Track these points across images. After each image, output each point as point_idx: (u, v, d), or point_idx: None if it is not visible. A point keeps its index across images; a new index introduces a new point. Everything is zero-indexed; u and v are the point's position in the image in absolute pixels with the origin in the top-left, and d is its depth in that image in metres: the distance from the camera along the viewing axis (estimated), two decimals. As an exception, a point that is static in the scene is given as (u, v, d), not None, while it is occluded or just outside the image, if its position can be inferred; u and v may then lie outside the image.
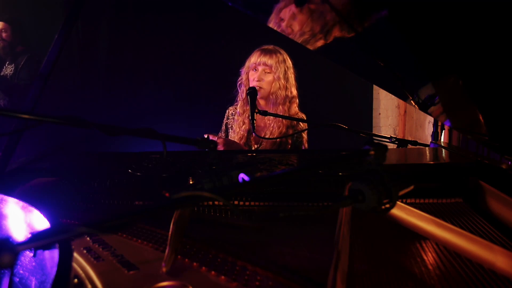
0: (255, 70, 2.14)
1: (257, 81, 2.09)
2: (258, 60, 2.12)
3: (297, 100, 2.23)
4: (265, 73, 2.11)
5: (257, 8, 1.32)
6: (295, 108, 2.21)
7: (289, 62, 2.18)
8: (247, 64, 2.19)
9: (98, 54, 4.21)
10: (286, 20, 1.19)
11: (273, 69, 2.10)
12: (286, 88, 2.14)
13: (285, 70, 2.13)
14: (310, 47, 1.35)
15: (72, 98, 4.05)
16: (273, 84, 2.11)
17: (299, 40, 1.32)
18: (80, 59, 4.18)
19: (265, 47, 2.18)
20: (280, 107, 2.14)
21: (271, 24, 1.26)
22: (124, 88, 4.13)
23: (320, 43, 1.30)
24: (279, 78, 2.11)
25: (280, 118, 2.16)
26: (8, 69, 3.66)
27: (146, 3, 4.00)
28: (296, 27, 1.22)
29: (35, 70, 3.60)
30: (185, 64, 4.06)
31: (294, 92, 2.20)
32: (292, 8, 1.13)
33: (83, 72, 4.25)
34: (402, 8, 0.86)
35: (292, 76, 2.19)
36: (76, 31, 4.03)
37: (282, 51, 2.18)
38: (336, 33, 1.18)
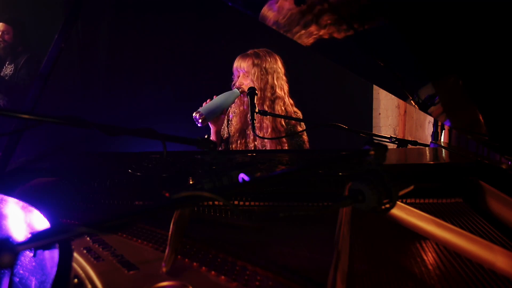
0: (238, 76, 2.23)
1: (238, 86, 2.16)
2: (235, 65, 2.22)
3: (284, 101, 2.23)
4: (245, 76, 2.19)
5: (257, 8, 1.32)
6: (279, 108, 2.21)
7: (269, 64, 2.19)
8: (233, 69, 2.27)
9: (98, 54, 4.21)
10: (278, 9, 1.19)
11: (247, 72, 2.18)
12: (262, 89, 2.17)
13: (260, 72, 2.17)
14: (304, 42, 1.35)
15: (72, 98, 4.05)
16: (249, 86, 2.14)
17: (292, 35, 1.32)
18: (80, 59, 4.18)
19: (245, 53, 2.24)
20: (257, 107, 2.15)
21: (264, 11, 1.25)
22: (124, 88, 4.13)
23: (313, 39, 1.30)
24: (252, 80, 2.17)
25: (268, 119, 2.19)
26: (8, 69, 3.66)
27: (146, 3, 4.00)
28: (287, 17, 1.22)
29: (35, 70, 3.60)
30: (185, 64, 4.06)
31: (278, 92, 2.21)
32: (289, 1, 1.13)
33: (83, 72, 4.25)
34: (402, 8, 0.86)
35: (275, 76, 2.20)
36: (76, 31, 4.03)
37: (263, 54, 2.20)
38: (335, 32, 1.18)
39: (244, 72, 2.18)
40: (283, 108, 2.23)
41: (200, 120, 1.94)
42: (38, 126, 0.89)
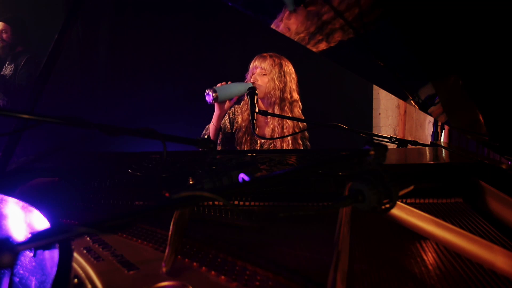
0: (253, 73, 2.27)
1: (253, 82, 2.21)
2: (254, 64, 2.28)
3: (300, 105, 2.31)
4: (262, 75, 2.24)
5: (257, 8, 1.32)
6: (297, 112, 2.29)
7: (287, 68, 2.27)
8: (249, 69, 2.33)
9: (98, 54, 4.21)
10: (283, 31, 1.20)
11: (267, 71, 2.23)
12: (282, 90, 2.23)
13: (280, 73, 2.23)
14: (313, 48, 1.36)
15: (72, 98, 4.05)
16: (268, 84, 2.21)
17: (300, 41, 1.32)
18: (80, 59, 4.18)
19: (264, 54, 2.30)
20: (277, 107, 2.23)
21: (274, 27, 1.26)
22: (124, 88, 4.13)
23: (323, 45, 1.31)
24: (273, 79, 2.22)
25: (285, 121, 2.25)
26: (8, 69, 3.66)
27: (146, 3, 4.00)
28: (293, 26, 1.23)
29: (35, 70, 3.60)
30: (185, 64, 4.06)
31: (295, 96, 2.29)
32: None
33: (83, 72, 4.25)
34: (403, 8, 0.86)
35: (292, 80, 2.28)
36: (76, 31, 4.03)
37: (281, 58, 2.29)
38: (337, 34, 1.18)
39: (263, 70, 2.23)
40: (300, 112, 2.31)
41: (212, 96, 2.00)
42: (38, 126, 0.89)
